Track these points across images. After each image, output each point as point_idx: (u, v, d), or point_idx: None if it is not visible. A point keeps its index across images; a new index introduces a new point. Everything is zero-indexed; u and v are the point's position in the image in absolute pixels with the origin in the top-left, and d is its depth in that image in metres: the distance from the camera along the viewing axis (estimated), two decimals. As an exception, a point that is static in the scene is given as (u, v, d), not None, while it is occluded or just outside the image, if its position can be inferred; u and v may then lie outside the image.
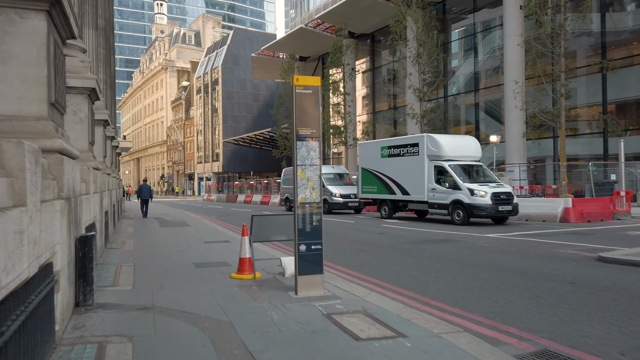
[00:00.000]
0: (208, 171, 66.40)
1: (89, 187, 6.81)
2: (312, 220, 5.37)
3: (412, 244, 10.16)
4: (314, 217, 5.38)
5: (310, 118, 5.42)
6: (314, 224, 5.38)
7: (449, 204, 14.53)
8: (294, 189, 5.33)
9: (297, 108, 5.36)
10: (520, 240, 10.46)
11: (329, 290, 5.45)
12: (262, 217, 6.64)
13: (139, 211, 22.96)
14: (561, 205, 14.79)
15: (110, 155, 16.12)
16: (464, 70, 32.78)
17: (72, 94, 7.45)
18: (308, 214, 5.36)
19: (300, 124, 5.37)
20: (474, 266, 7.38)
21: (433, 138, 15.50)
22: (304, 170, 5.37)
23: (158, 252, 8.96)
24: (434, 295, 5.59)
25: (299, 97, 5.37)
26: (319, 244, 5.38)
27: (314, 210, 5.38)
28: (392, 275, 6.83)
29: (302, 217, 5.33)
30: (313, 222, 5.37)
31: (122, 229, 14.09)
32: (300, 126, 5.37)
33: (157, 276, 6.48)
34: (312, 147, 5.42)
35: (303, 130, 5.38)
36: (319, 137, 5.47)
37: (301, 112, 5.37)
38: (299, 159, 5.35)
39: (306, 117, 5.40)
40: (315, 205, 5.39)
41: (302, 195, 5.34)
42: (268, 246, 9.27)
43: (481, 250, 9.10)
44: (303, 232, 5.32)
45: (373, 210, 22.48)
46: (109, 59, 18.38)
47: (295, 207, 5.32)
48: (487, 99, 31.03)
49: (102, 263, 7.56)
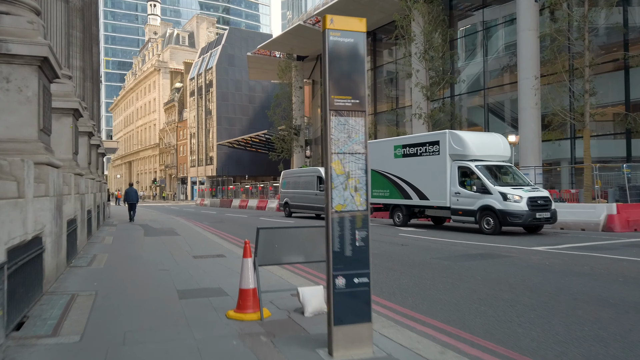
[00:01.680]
0: (201, 175, 64.26)
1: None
2: (356, 238, 3.47)
3: (449, 260, 8.27)
4: (357, 234, 3.48)
5: (351, 81, 3.54)
6: (358, 244, 3.48)
7: (477, 210, 12.66)
8: (326, 189, 3.44)
9: (331, 66, 3.47)
10: (583, 255, 8.58)
11: (380, 346, 3.56)
12: (272, 230, 4.75)
13: (124, 217, 21.49)
14: (604, 212, 12.97)
15: (94, 161, 14.96)
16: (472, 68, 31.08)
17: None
18: (348, 229, 3.46)
19: (336, 90, 3.48)
20: (557, 296, 5.50)
21: (457, 135, 13.64)
22: (341, 160, 3.48)
23: (133, 273, 7.02)
24: (534, 352, 3.71)
25: (334, 49, 3.48)
26: (366, 275, 3.48)
27: (357, 222, 3.48)
28: (452, 311, 4.94)
29: (339, 233, 3.43)
30: (356, 241, 3.48)
31: (99, 239, 12.11)
32: (336, 93, 3.48)
33: (122, 316, 4.56)
34: (354, 125, 3.53)
35: (340, 99, 3.49)
36: (365, 110, 3.59)
37: (338, 72, 3.49)
38: (333, 144, 3.46)
39: (345, 80, 3.52)
40: (360, 216, 3.50)
41: (339, 201, 3.45)
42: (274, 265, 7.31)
43: (545, 270, 7.22)
44: (341, 256, 3.43)
45: (380, 216, 20.61)
46: (89, 47, 16.43)
47: (327, 219, 3.43)
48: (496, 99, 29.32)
49: (52, 292, 5.61)
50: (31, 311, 4.64)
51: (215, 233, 14.49)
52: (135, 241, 11.72)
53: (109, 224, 17.74)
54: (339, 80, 3.49)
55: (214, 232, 15.05)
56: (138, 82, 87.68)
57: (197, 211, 32.70)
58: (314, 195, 21.05)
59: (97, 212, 15.30)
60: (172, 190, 74.35)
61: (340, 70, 3.50)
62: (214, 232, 15.05)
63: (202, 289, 5.80)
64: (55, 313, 4.59)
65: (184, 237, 12.41)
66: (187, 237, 12.40)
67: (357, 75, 3.55)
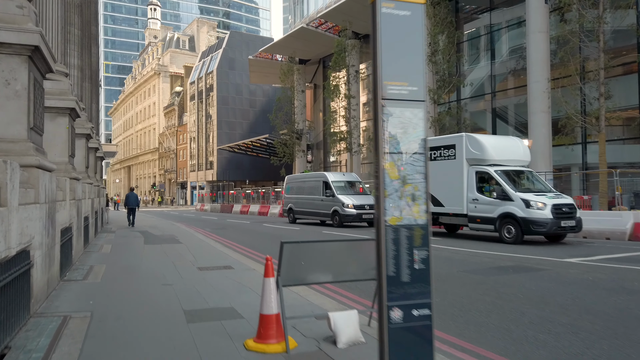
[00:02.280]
0: (201, 179, 63.50)
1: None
2: (414, 259, 2.79)
3: (479, 274, 7.58)
4: (416, 254, 2.79)
5: (408, 63, 2.86)
6: (418, 266, 2.79)
7: (497, 218, 11.96)
8: (378, 198, 2.76)
9: (383, 43, 2.79)
10: (627, 269, 7.83)
11: (443, 393, 2.86)
12: (299, 245, 4.06)
13: (123, 222, 20.96)
14: (630, 220, 12.29)
15: (93, 165, 14.23)
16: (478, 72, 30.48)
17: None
18: (405, 248, 2.77)
19: (389, 75, 2.80)
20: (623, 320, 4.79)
21: (474, 138, 12.96)
22: (396, 162, 2.79)
23: (134, 289, 6.31)
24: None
25: (387, 23, 2.80)
26: (427, 305, 2.79)
27: (416, 239, 2.80)
28: (506, 339, 4.24)
29: (393, 253, 2.74)
30: (415, 262, 2.79)
31: (97, 247, 11.40)
32: (390, 79, 2.80)
33: (121, 347, 3.86)
34: (411, 118, 2.85)
35: (394, 86, 2.82)
36: (425, 100, 2.91)
37: (391, 53, 2.81)
38: (386, 142, 2.78)
39: (400, 62, 2.84)
40: (420, 231, 2.81)
41: (394, 212, 2.76)
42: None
43: (591, 286, 6.50)
44: (396, 282, 2.74)
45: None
46: (87, 46, 15.78)
47: (379, 234, 2.74)
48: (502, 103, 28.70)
49: (42, 313, 4.90)
50: (14, 340, 3.94)
51: (218, 240, 13.79)
52: (135, 250, 11.01)
53: (108, 231, 17.02)
54: (392, 63, 2.82)
55: (217, 239, 14.35)
56: (138, 86, 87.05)
57: (198, 217, 31.97)
58: (320, 201, 20.35)
59: (95, 218, 14.60)
60: (171, 195, 73.56)
61: (393, 51, 2.82)
62: (217, 239, 14.35)
63: (212, 309, 5.11)
64: (43, 342, 3.89)
65: (187, 246, 11.71)
66: (189, 246, 11.70)
67: (414, 56, 2.87)
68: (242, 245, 12.76)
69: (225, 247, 11.88)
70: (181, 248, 11.19)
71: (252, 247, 12.11)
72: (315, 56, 42.50)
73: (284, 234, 16.18)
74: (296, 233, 16.61)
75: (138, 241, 13.06)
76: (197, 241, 12.97)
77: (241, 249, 11.88)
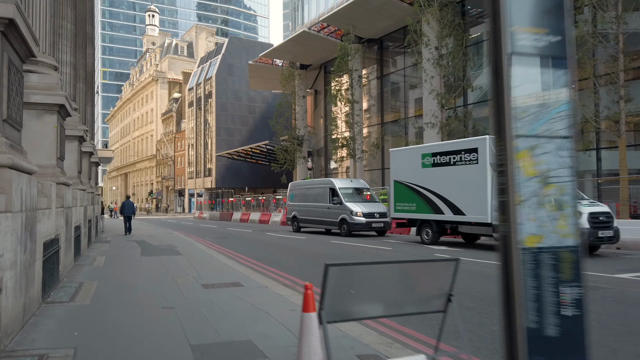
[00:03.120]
0: (200, 187, 62.39)
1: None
2: (563, 301, 1.81)
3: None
4: (569, 293, 1.81)
5: (547, 4, 1.90)
6: (570, 312, 1.81)
7: (526, 228, 11.00)
8: (507, 205, 1.79)
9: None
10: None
11: None
12: (349, 268, 3.06)
13: (119, 231, 19.99)
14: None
15: (87, 170, 13.16)
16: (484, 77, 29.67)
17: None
18: (550, 284, 1.79)
19: (519, 18, 1.84)
20: None
21: (499, 141, 12.03)
22: (532, 150, 1.82)
23: (129, 315, 5.30)
24: None
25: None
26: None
27: (565, 270, 1.82)
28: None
29: (533, 291, 1.76)
30: (565, 306, 1.81)
31: (89, 259, 10.36)
32: (521, 23, 1.84)
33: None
34: (551, 85, 1.89)
35: (529, 33, 1.85)
36: (572, 57, 1.94)
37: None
38: (516, 119, 1.81)
39: (536, 3, 1.88)
40: (569, 257, 1.83)
41: (532, 227, 1.78)
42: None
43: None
44: (537, 336, 1.75)
45: (398, 232, 18.93)
46: (82, 45, 14.82)
47: (507, 262, 1.77)
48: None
49: (10, 354, 3.88)
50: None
51: (221, 251, 12.77)
52: (131, 263, 9.98)
53: (102, 240, 15.96)
54: (524, 2, 1.86)
55: (219, 249, 13.32)
56: (135, 92, 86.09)
57: (197, 225, 30.89)
58: (327, 209, 19.34)
59: (89, 227, 13.56)
60: (168, 202, 72.36)
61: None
62: (219, 249, 13.32)
63: (226, 343, 4.10)
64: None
65: (187, 257, 10.69)
66: (190, 257, 10.68)
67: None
68: (247, 256, 11.74)
69: (230, 259, 10.86)
70: (181, 260, 10.17)
71: (259, 259, 11.10)
72: (316, 61, 41.70)
73: (290, 244, 15.16)
74: (304, 243, 15.59)
75: (134, 252, 12.02)
76: (198, 252, 11.94)
77: (247, 261, 10.86)
